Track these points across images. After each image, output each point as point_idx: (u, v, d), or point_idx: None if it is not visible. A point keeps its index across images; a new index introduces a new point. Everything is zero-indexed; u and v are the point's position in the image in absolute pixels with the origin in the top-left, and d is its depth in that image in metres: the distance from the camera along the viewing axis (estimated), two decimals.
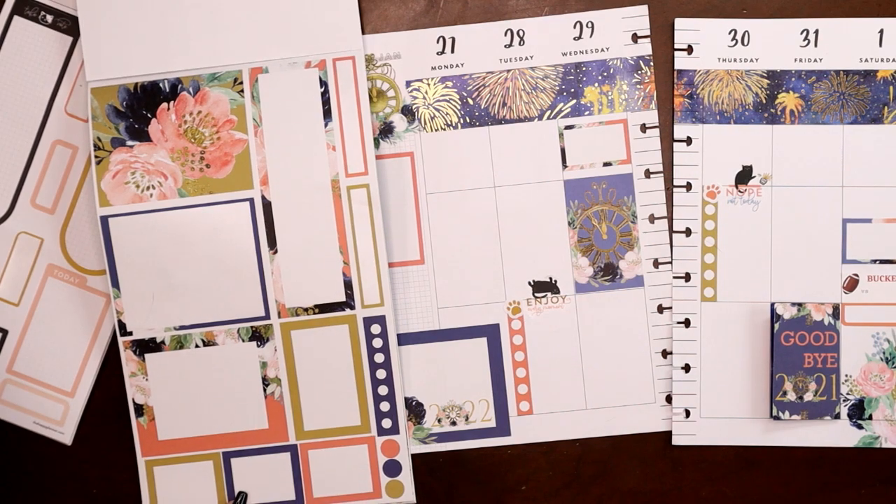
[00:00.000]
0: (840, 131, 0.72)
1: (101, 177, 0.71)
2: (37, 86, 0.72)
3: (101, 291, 0.73)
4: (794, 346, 0.71)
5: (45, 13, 0.72)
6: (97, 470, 0.74)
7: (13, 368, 0.73)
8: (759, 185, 0.73)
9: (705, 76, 0.73)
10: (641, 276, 0.73)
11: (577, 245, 0.73)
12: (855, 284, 0.72)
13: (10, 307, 0.73)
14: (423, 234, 0.73)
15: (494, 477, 0.74)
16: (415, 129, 0.73)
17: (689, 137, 0.73)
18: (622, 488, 0.73)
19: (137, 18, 0.71)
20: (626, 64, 0.73)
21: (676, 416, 0.73)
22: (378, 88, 0.73)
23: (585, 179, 0.73)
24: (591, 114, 0.73)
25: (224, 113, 0.71)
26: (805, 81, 0.72)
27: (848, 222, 0.72)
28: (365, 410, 0.72)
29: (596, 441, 0.73)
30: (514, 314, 0.73)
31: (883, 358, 0.72)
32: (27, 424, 0.73)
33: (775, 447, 0.73)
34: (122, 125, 0.71)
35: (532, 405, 0.73)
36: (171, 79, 0.71)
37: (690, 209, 0.73)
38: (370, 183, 0.71)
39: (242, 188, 0.71)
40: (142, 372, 0.72)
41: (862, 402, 0.72)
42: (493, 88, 0.73)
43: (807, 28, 0.72)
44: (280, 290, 0.72)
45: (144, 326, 0.72)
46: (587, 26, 0.73)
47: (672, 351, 0.73)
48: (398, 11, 0.73)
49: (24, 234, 0.73)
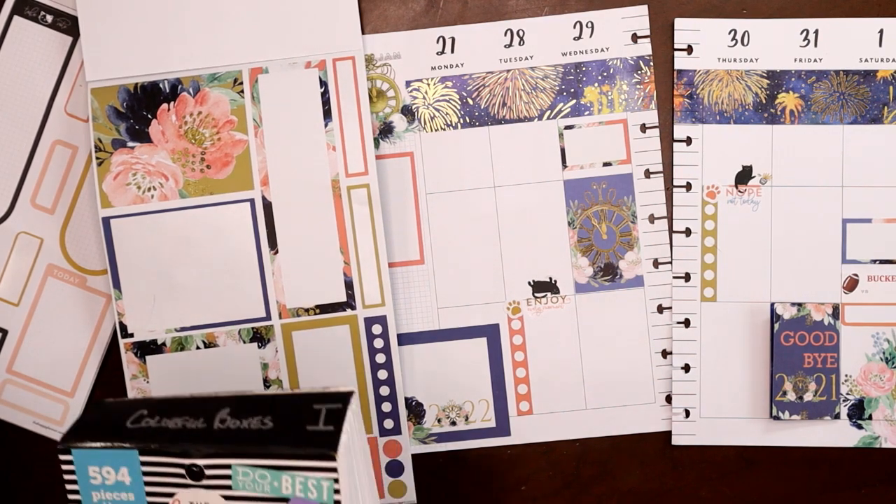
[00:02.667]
0: (840, 131, 0.72)
1: (103, 178, 0.71)
2: (37, 86, 0.72)
3: (101, 291, 0.73)
4: (794, 346, 0.71)
5: (45, 13, 0.72)
6: None
7: (13, 368, 0.73)
8: (759, 185, 0.73)
9: (705, 76, 0.73)
10: (641, 276, 0.73)
11: (577, 245, 0.73)
12: (855, 284, 0.72)
13: (10, 307, 0.73)
14: (423, 234, 0.73)
15: (494, 477, 0.74)
16: (415, 129, 0.73)
17: (688, 137, 0.73)
18: (622, 488, 0.73)
19: (137, 18, 0.71)
20: (626, 64, 0.73)
21: (676, 416, 0.73)
22: (378, 88, 0.73)
23: (585, 179, 0.73)
24: (591, 114, 0.73)
25: (224, 113, 0.71)
26: (805, 81, 0.72)
27: (848, 222, 0.72)
28: (367, 411, 0.72)
29: (596, 441, 0.73)
30: (513, 314, 0.73)
31: (883, 358, 0.72)
32: (27, 424, 0.73)
33: (775, 447, 0.73)
34: (123, 126, 0.71)
35: (532, 405, 0.73)
36: (171, 79, 0.71)
37: (690, 209, 0.73)
38: (370, 183, 0.71)
39: (243, 189, 0.71)
40: (143, 374, 0.72)
41: (862, 402, 0.72)
42: (492, 88, 0.73)
43: (807, 28, 0.72)
44: (281, 291, 0.72)
45: (146, 328, 0.72)
46: (587, 26, 0.73)
47: (672, 351, 0.73)
48: (398, 11, 0.73)
49: (23, 234, 0.73)
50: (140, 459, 0.53)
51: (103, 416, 0.56)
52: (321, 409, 0.54)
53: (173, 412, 0.55)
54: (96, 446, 0.53)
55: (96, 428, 0.55)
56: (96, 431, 0.54)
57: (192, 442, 0.52)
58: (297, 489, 0.51)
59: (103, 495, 0.54)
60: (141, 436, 0.53)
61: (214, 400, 0.56)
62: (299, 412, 0.54)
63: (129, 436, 0.53)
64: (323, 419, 0.53)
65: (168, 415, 0.55)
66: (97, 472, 0.54)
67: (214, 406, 0.55)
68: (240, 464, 0.52)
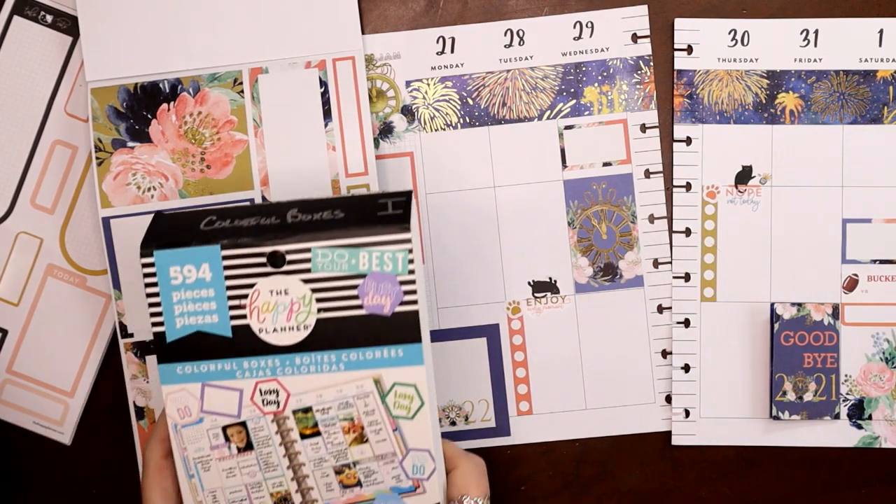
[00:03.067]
0: (840, 131, 0.72)
1: (103, 178, 0.71)
2: (37, 86, 0.72)
3: (101, 291, 0.73)
4: (794, 346, 0.71)
5: (45, 13, 0.72)
6: (97, 470, 0.74)
7: (13, 368, 0.73)
8: (759, 185, 0.73)
9: (705, 76, 0.73)
10: (641, 276, 0.73)
11: (577, 245, 0.73)
12: (855, 284, 0.72)
13: (10, 307, 0.73)
14: (423, 234, 0.73)
15: (494, 477, 0.74)
16: (415, 129, 0.73)
17: (688, 137, 0.73)
18: (622, 488, 0.73)
19: (137, 18, 0.71)
20: (626, 64, 0.73)
21: (676, 416, 0.73)
22: (378, 88, 0.73)
23: (585, 179, 0.73)
24: (591, 114, 0.73)
25: (224, 113, 0.71)
26: (805, 81, 0.72)
27: (848, 222, 0.72)
28: None
29: (596, 441, 0.73)
30: (513, 314, 0.73)
31: (883, 358, 0.72)
32: (27, 424, 0.73)
33: (775, 447, 0.73)
34: (123, 126, 0.71)
35: (532, 405, 0.73)
36: (171, 79, 0.71)
37: (690, 209, 0.73)
38: (370, 183, 0.71)
39: (243, 189, 0.71)
40: (143, 374, 0.72)
41: (862, 402, 0.72)
42: (492, 88, 0.73)
43: (807, 28, 0.72)
44: None
45: (145, 328, 0.72)
46: (587, 26, 0.73)
47: (672, 351, 0.73)
48: (398, 11, 0.73)
49: (23, 234, 0.73)
50: (222, 254, 0.56)
51: (171, 225, 0.59)
52: (387, 201, 0.58)
53: (243, 215, 0.58)
54: (178, 247, 0.56)
55: (171, 233, 0.57)
56: (172, 236, 0.57)
57: (271, 232, 0.56)
58: (374, 264, 0.55)
59: (183, 294, 0.57)
60: (216, 235, 0.56)
61: (280, 204, 0.59)
62: (366, 204, 0.58)
63: (204, 236, 0.56)
64: (391, 207, 0.57)
65: (239, 217, 0.58)
66: (178, 271, 0.56)
67: (283, 208, 0.59)
68: (319, 246, 0.55)
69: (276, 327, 0.57)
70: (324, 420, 0.57)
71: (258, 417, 0.58)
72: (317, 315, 0.56)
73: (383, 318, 0.56)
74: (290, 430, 0.58)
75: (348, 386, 0.57)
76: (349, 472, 0.58)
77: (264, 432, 0.58)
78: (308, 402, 0.57)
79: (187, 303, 0.57)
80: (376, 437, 0.58)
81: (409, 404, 0.57)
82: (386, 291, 0.56)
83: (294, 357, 0.57)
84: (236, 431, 0.58)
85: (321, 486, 0.58)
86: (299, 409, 0.57)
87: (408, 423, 0.57)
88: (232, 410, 0.58)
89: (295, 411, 0.57)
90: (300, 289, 0.56)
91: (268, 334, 0.57)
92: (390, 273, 0.56)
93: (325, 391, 0.57)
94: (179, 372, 0.57)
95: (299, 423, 0.58)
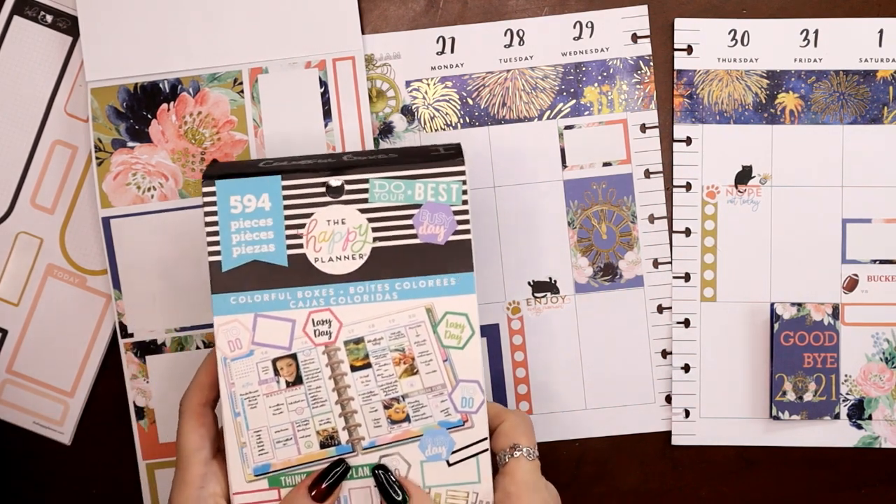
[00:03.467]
0: (840, 131, 0.72)
1: (103, 178, 0.71)
2: (37, 86, 0.72)
3: (101, 291, 0.73)
4: (794, 346, 0.71)
5: (45, 13, 0.72)
6: (97, 470, 0.74)
7: (13, 368, 0.73)
8: (759, 185, 0.73)
9: (705, 76, 0.73)
10: (641, 276, 0.73)
11: (577, 245, 0.73)
12: (855, 284, 0.72)
13: (10, 307, 0.73)
14: None
15: None
16: (414, 129, 0.73)
17: (688, 137, 0.73)
18: (622, 488, 0.73)
19: (137, 18, 0.71)
20: (626, 64, 0.73)
21: (676, 416, 0.73)
22: (378, 88, 0.73)
23: (585, 179, 0.73)
24: (591, 114, 0.73)
25: (224, 113, 0.71)
26: (805, 81, 0.72)
27: (848, 222, 0.72)
28: None
29: (596, 441, 0.73)
30: (513, 314, 0.73)
31: (883, 358, 0.72)
32: (27, 424, 0.73)
33: (775, 447, 0.73)
34: (123, 126, 0.71)
35: (532, 405, 0.73)
36: (170, 79, 0.71)
37: (690, 209, 0.73)
38: None
39: None
40: (142, 374, 0.72)
41: (861, 402, 0.72)
42: (492, 88, 0.73)
43: (807, 28, 0.72)
44: None
45: (145, 328, 0.72)
46: (587, 26, 0.73)
47: (672, 351, 0.73)
48: (398, 11, 0.73)
49: (23, 234, 0.73)
50: (282, 184, 0.58)
51: (230, 165, 0.61)
52: (439, 147, 0.61)
53: (300, 159, 0.61)
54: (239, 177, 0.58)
55: (230, 168, 0.60)
56: (232, 169, 0.59)
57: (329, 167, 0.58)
58: (429, 194, 0.57)
59: (242, 224, 0.58)
60: (276, 169, 0.58)
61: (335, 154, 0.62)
62: (419, 150, 0.61)
63: (264, 171, 0.58)
64: (442, 150, 0.60)
65: (296, 160, 0.60)
66: (238, 200, 0.58)
67: (338, 154, 0.62)
68: (377, 177, 0.57)
69: (331, 256, 0.57)
70: (375, 351, 0.58)
71: (309, 349, 0.58)
72: (372, 244, 0.57)
73: (436, 248, 0.57)
74: (340, 362, 0.58)
75: (400, 315, 0.58)
76: (398, 407, 0.58)
77: (314, 365, 0.58)
78: (360, 332, 0.58)
79: (245, 232, 0.57)
80: (427, 367, 0.58)
81: (460, 333, 0.58)
82: (440, 221, 0.57)
83: (348, 286, 0.57)
84: (286, 364, 0.58)
85: (369, 423, 0.58)
86: (351, 339, 0.58)
87: (458, 354, 0.58)
88: (283, 342, 0.58)
89: (346, 342, 0.58)
90: (357, 218, 0.57)
91: (323, 263, 0.57)
92: (444, 203, 0.57)
93: (377, 321, 0.57)
94: (233, 302, 0.57)
95: (350, 355, 0.58)
